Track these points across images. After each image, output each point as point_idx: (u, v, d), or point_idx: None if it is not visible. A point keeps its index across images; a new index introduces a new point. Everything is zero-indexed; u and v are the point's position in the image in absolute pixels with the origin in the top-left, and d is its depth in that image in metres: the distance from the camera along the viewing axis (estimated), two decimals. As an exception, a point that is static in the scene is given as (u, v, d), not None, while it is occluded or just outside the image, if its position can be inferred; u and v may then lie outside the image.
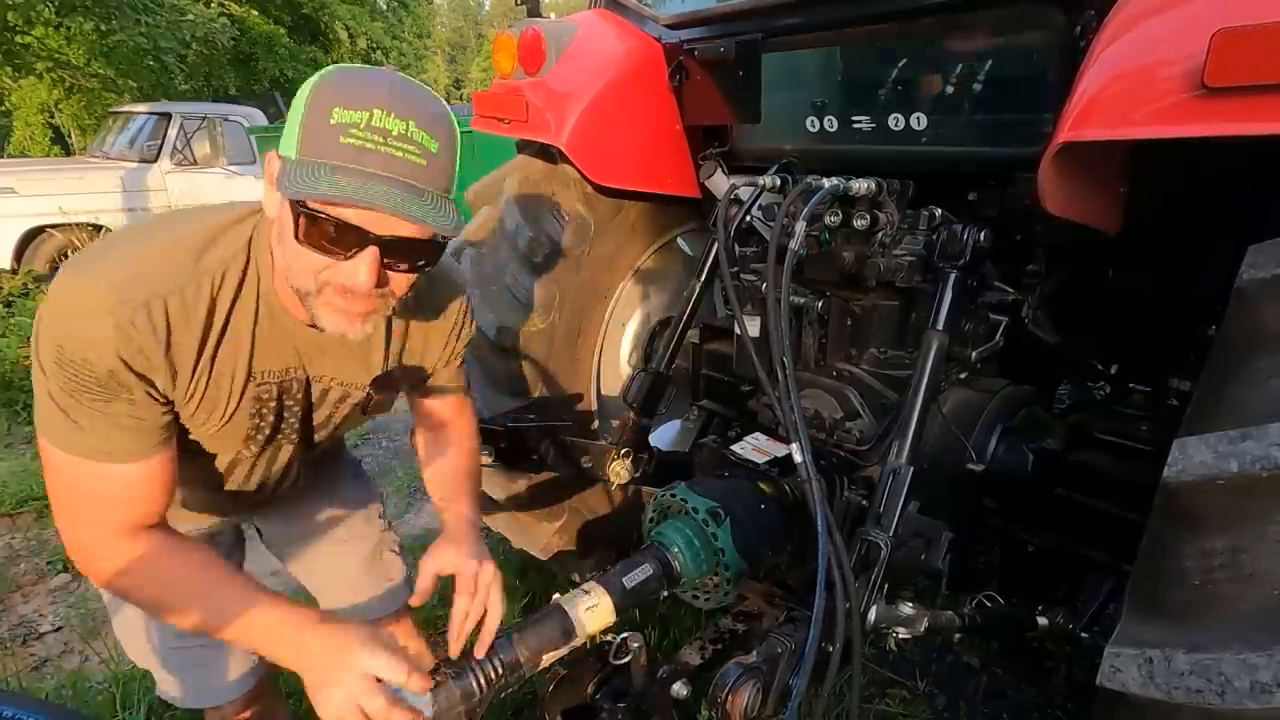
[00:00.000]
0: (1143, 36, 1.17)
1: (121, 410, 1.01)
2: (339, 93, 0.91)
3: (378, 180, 0.91)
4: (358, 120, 0.89)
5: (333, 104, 0.90)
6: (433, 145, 0.94)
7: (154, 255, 1.02)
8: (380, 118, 0.90)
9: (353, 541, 1.70)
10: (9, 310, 5.84)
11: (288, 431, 1.32)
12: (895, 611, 1.38)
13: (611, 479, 2.01)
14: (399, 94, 0.92)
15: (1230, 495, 0.87)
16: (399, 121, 0.91)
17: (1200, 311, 1.52)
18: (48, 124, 12.98)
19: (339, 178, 0.89)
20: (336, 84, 0.93)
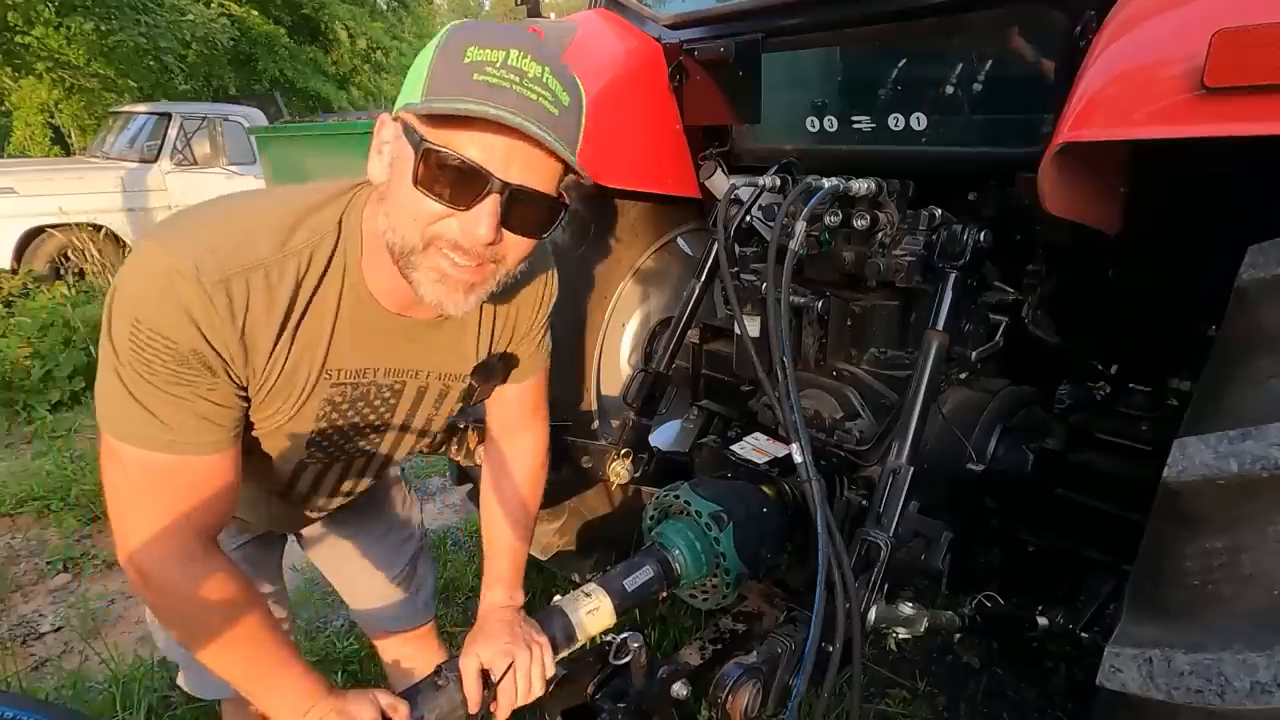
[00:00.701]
0: (1143, 36, 1.17)
1: (201, 395, 0.94)
2: (473, 35, 0.88)
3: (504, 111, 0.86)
4: (494, 59, 0.86)
5: (467, 43, 0.87)
6: (565, 98, 0.91)
7: (238, 231, 0.96)
8: (518, 58, 0.87)
9: (391, 557, 1.69)
10: (9, 310, 5.84)
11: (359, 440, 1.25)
12: (895, 611, 1.38)
13: (611, 479, 2.01)
14: (535, 43, 0.90)
15: (1230, 495, 0.87)
16: (536, 65, 0.88)
17: (1200, 311, 1.52)
18: (48, 124, 12.96)
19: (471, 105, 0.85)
20: (468, 29, 0.90)
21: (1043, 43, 1.48)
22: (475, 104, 0.85)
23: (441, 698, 1.18)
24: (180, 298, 0.90)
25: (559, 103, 0.90)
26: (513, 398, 1.38)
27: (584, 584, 1.41)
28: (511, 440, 1.42)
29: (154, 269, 0.91)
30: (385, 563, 1.68)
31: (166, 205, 8.01)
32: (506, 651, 1.21)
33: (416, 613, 1.75)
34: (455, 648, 2.50)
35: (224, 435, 0.99)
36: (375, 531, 1.67)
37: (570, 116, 0.93)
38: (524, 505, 1.43)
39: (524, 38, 0.90)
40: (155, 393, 0.92)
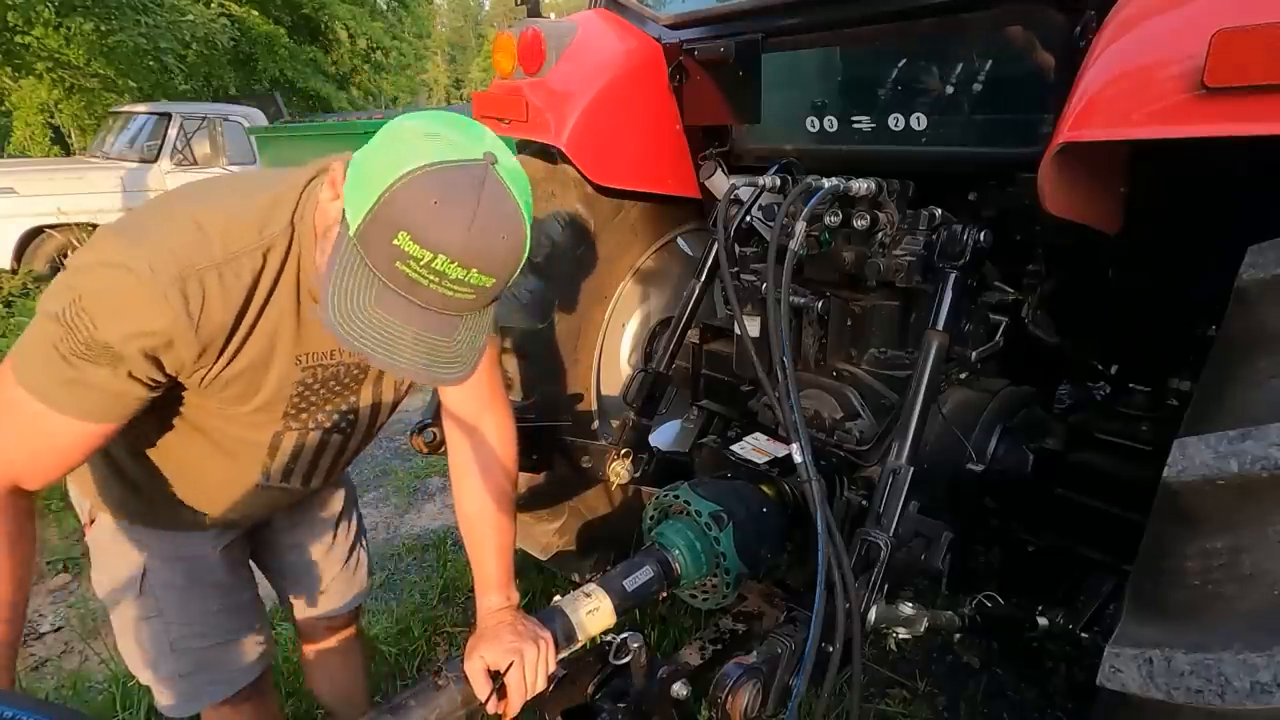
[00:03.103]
0: (1143, 36, 1.17)
1: (98, 374, 0.98)
2: (416, 214, 0.86)
3: (412, 312, 0.90)
4: (419, 256, 0.86)
5: (404, 225, 0.86)
6: (488, 281, 0.90)
7: (195, 230, 1.00)
8: (443, 263, 0.86)
9: (339, 541, 1.71)
10: (9, 310, 5.84)
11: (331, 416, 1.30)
12: (895, 611, 1.38)
13: (611, 479, 2.01)
14: (477, 235, 0.87)
15: (1230, 495, 0.87)
16: (461, 269, 0.87)
17: (1200, 311, 1.52)
18: (48, 124, 12.97)
19: (378, 312, 0.89)
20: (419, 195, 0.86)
21: (1043, 43, 1.48)
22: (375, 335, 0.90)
23: (442, 698, 1.18)
24: (125, 293, 0.95)
25: (481, 289, 0.91)
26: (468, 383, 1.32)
27: (584, 584, 1.41)
28: (473, 432, 1.38)
29: (110, 259, 0.96)
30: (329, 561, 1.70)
31: (166, 205, 8.01)
32: (511, 649, 1.21)
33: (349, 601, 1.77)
34: (455, 648, 2.52)
35: (99, 410, 1.02)
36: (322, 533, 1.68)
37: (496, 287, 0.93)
38: (501, 500, 1.38)
39: (462, 232, 0.86)
40: (58, 359, 0.97)
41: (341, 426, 1.35)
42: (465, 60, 54.55)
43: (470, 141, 0.90)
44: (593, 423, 2.29)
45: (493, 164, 0.89)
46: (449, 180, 0.87)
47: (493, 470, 1.38)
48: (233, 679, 1.50)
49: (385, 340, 0.90)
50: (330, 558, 1.71)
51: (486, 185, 0.88)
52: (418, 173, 0.86)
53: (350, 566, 1.75)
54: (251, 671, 1.53)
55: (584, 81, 2.00)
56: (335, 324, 0.90)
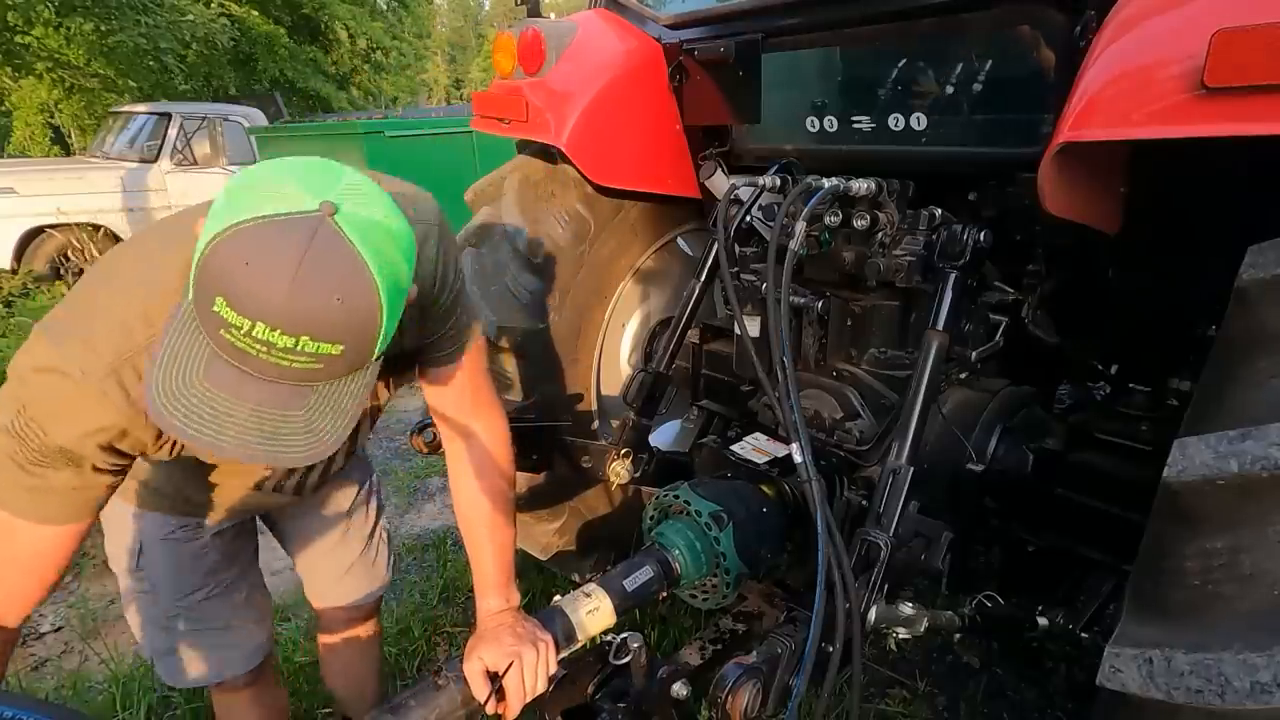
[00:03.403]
0: (1143, 36, 1.17)
1: (59, 477, 0.96)
2: (230, 277, 0.75)
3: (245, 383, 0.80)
4: (239, 324, 0.76)
5: (220, 290, 0.76)
6: (334, 350, 0.79)
7: (113, 319, 0.95)
8: (264, 331, 0.76)
9: (355, 531, 1.74)
10: (9, 310, 5.84)
11: None
12: (895, 611, 1.38)
13: (611, 479, 2.01)
14: (301, 298, 0.75)
15: (1230, 495, 0.87)
16: (288, 338, 0.76)
17: (1200, 311, 1.52)
18: (48, 124, 12.97)
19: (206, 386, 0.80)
20: (233, 254, 0.75)
21: (1043, 43, 1.48)
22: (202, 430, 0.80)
23: (442, 698, 1.18)
24: (66, 398, 0.92)
25: (325, 357, 0.79)
26: (448, 381, 1.31)
27: (584, 584, 1.41)
28: (466, 436, 1.35)
29: (42, 364, 0.93)
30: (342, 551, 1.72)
31: (166, 205, 8.01)
32: (511, 652, 1.21)
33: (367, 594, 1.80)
34: (455, 648, 2.52)
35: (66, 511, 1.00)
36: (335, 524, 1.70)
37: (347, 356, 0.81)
38: (497, 502, 1.36)
39: (281, 298, 0.75)
40: (15, 468, 0.95)
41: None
42: (465, 60, 54.55)
43: (308, 191, 0.78)
44: (593, 423, 2.29)
45: (330, 215, 0.77)
46: (267, 237, 0.75)
47: (487, 473, 1.37)
48: (227, 665, 1.54)
49: (212, 420, 0.80)
50: (343, 550, 1.73)
51: (316, 240, 0.76)
52: (234, 230, 0.76)
53: (366, 559, 1.77)
54: (246, 662, 1.56)
55: (584, 81, 2.00)
56: (156, 399, 0.80)
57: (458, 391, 1.32)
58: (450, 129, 7.22)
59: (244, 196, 0.78)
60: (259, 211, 0.76)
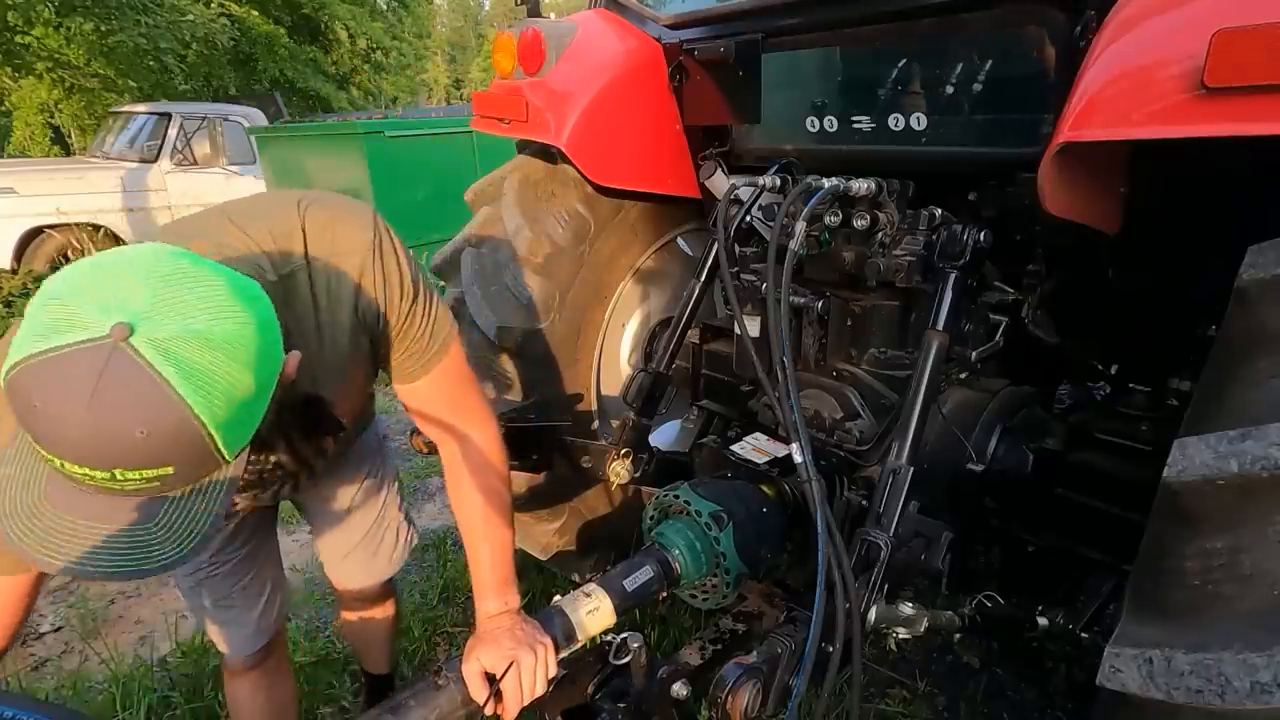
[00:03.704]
0: (1143, 36, 1.17)
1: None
2: (28, 415, 0.71)
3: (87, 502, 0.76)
4: (51, 459, 0.72)
5: (26, 425, 0.72)
6: (163, 471, 0.75)
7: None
8: (75, 468, 0.72)
9: (357, 514, 1.78)
10: (9, 310, 5.84)
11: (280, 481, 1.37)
12: (895, 611, 1.38)
13: (611, 479, 2.01)
14: (97, 437, 0.71)
15: (1230, 495, 0.87)
16: (101, 472, 0.73)
17: (1200, 311, 1.52)
18: (48, 124, 12.97)
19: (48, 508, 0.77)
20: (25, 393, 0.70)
21: (1043, 43, 1.48)
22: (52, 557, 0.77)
23: (441, 698, 1.18)
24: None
25: (158, 477, 0.75)
26: (424, 396, 1.30)
27: (584, 584, 1.41)
28: (452, 443, 1.35)
29: None
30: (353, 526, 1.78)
31: (166, 205, 8.01)
32: (509, 655, 1.21)
33: (378, 571, 1.85)
34: (455, 648, 2.52)
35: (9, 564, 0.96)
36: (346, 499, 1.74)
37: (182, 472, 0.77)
38: (492, 505, 1.36)
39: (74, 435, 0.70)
40: None
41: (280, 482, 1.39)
42: (465, 60, 54.54)
43: (103, 311, 0.71)
44: (593, 423, 2.29)
45: (124, 339, 0.70)
46: (54, 374, 0.69)
47: (483, 478, 1.36)
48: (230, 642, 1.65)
49: (61, 542, 0.76)
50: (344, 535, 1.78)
51: (107, 371, 0.70)
52: (23, 367, 0.70)
53: (368, 548, 1.81)
54: (248, 643, 1.65)
55: (584, 81, 2.00)
56: (6, 525, 0.77)
57: (436, 402, 1.32)
58: (450, 129, 7.21)
59: (39, 318, 0.72)
60: (48, 343, 0.70)
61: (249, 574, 1.62)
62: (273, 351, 0.85)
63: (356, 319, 1.13)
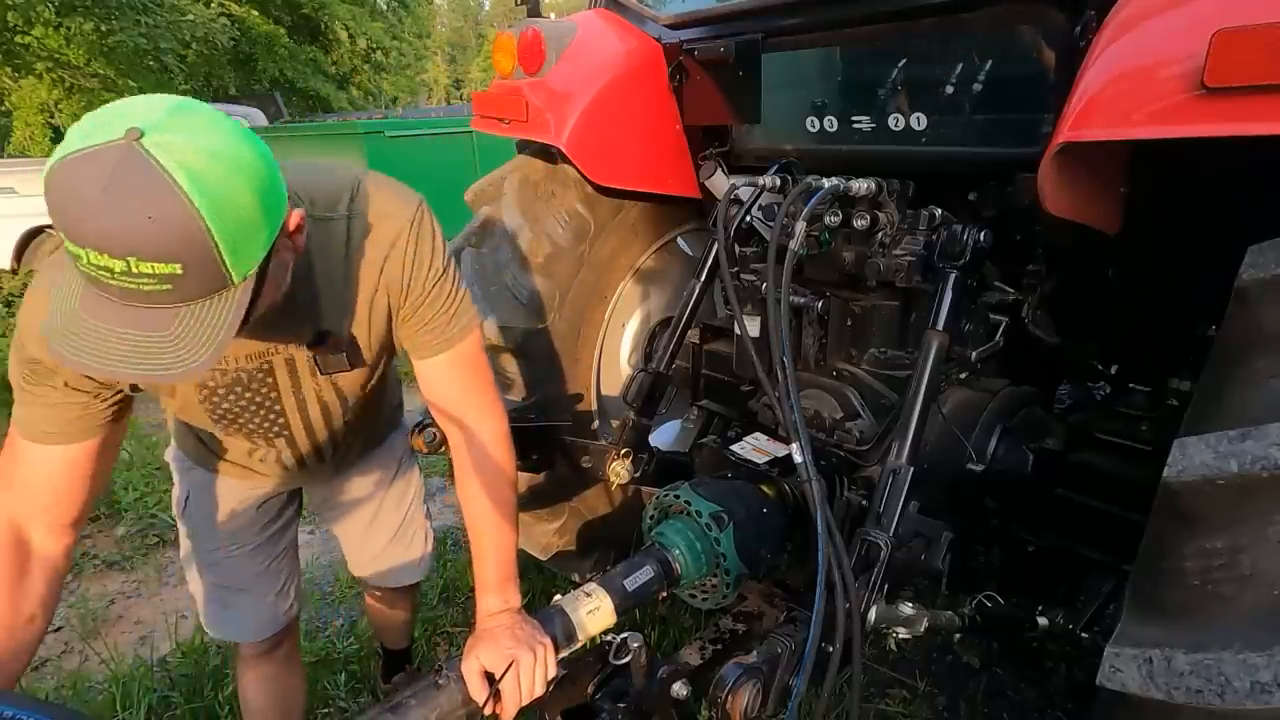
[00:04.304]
0: (1143, 36, 1.17)
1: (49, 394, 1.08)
2: (58, 211, 0.82)
3: (114, 310, 0.86)
4: (79, 254, 0.82)
5: (58, 225, 0.82)
6: (172, 269, 0.83)
7: None
8: (96, 258, 0.81)
9: (383, 518, 1.83)
10: (9, 310, 5.84)
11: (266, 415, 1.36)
12: (895, 611, 1.38)
13: (611, 479, 2.01)
14: (111, 220, 0.80)
15: (1230, 495, 0.87)
16: (118, 261, 0.81)
17: (1200, 311, 1.52)
18: (48, 124, 12.97)
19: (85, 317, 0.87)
20: (55, 191, 0.82)
21: (1043, 43, 1.48)
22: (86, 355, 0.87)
23: (442, 698, 1.18)
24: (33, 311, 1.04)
25: (169, 276, 0.84)
26: (438, 376, 1.33)
27: (584, 584, 1.41)
28: (462, 433, 1.37)
29: (33, 293, 1.07)
30: (378, 530, 1.83)
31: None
32: (508, 654, 1.21)
33: (404, 574, 1.90)
34: (455, 648, 2.52)
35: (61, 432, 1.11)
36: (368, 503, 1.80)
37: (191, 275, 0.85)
38: (498, 502, 1.37)
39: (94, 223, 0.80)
40: (19, 389, 1.10)
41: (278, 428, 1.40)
42: (465, 60, 54.56)
43: (110, 124, 0.82)
44: (593, 423, 2.29)
45: (136, 139, 0.80)
46: (77, 168, 0.80)
47: (486, 473, 1.38)
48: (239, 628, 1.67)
49: (95, 346, 0.87)
50: (372, 537, 1.84)
51: (121, 165, 0.80)
52: (56, 167, 0.82)
53: (396, 550, 1.87)
54: (258, 630, 1.67)
55: (584, 81, 2.00)
56: (51, 334, 0.88)
57: (447, 385, 1.35)
58: (450, 129, 7.22)
59: (71, 135, 0.83)
60: (73, 147, 0.81)
61: (268, 559, 1.66)
62: (276, 187, 0.94)
63: (380, 277, 1.22)
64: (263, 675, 1.75)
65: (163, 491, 3.48)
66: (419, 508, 1.91)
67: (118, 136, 0.80)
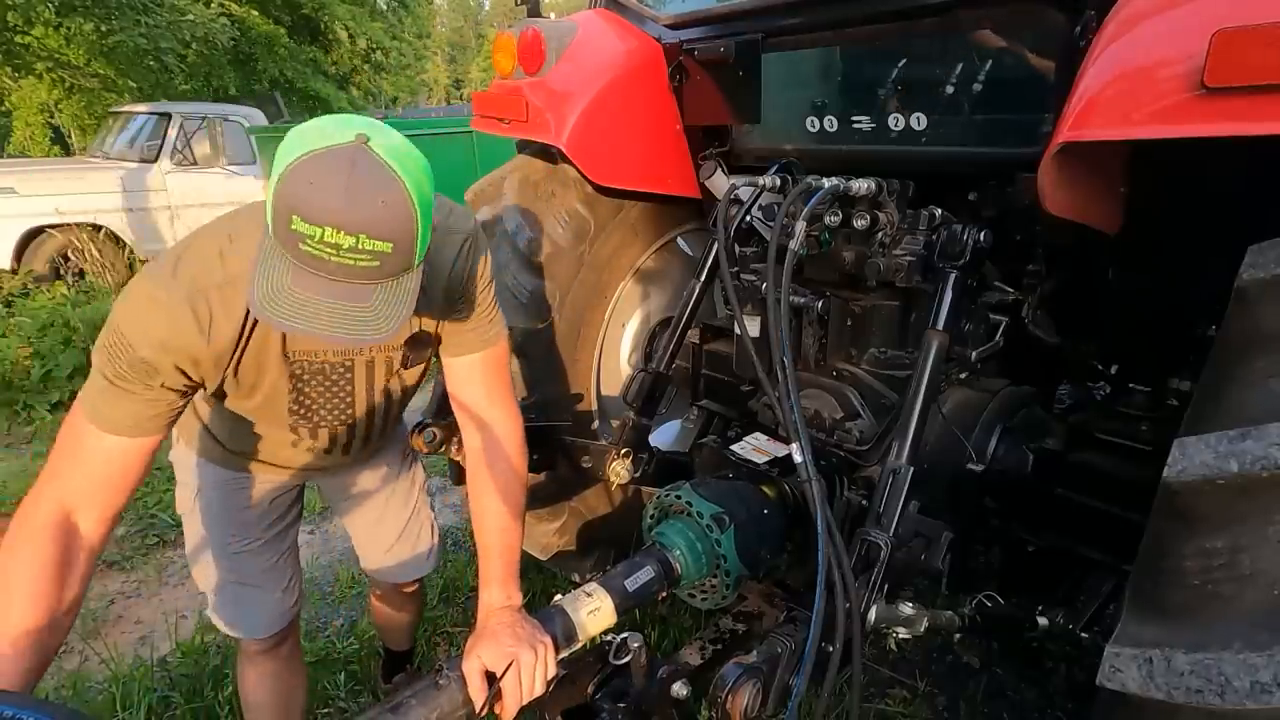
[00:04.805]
0: (1143, 36, 1.17)
1: (137, 389, 1.14)
2: (299, 197, 0.96)
3: (324, 285, 1.00)
4: (312, 233, 0.96)
5: (293, 209, 0.97)
6: (386, 247, 1.00)
7: (200, 255, 1.18)
8: (332, 234, 0.97)
9: (393, 512, 1.88)
10: (9, 310, 5.83)
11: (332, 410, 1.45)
12: (895, 611, 1.38)
13: (611, 479, 2.01)
14: (354, 202, 0.96)
15: (1230, 495, 0.87)
16: (350, 237, 0.97)
17: (1200, 311, 1.52)
18: (48, 124, 12.96)
19: (296, 291, 1.00)
20: (298, 180, 0.97)
21: (1043, 43, 1.48)
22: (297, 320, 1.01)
23: (442, 698, 1.18)
24: (152, 315, 1.13)
25: (380, 254, 1.00)
26: (468, 374, 1.46)
27: (584, 584, 1.41)
28: (481, 429, 1.47)
29: (136, 294, 1.16)
30: (388, 524, 1.89)
31: (166, 205, 8.00)
32: (509, 653, 1.21)
33: (412, 568, 1.95)
34: (455, 648, 2.52)
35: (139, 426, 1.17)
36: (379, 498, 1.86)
37: (398, 254, 1.01)
38: (508, 498, 1.44)
39: (341, 201, 0.96)
40: (105, 382, 1.15)
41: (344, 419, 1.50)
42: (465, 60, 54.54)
43: (341, 130, 1.00)
44: (593, 423, 2.29)
45: (365, 143, 0.99)
46: (322, 162, 0.97)
47: (502, 469, 1.46)
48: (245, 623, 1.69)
49: (304, 313, 1.01)
50: (381, 530, 1.89)
51: (358, 160, 0.97)
52: (296, 163, 0.97)
53: (405, 544, 1.91)
54: (265, 626, 1.70)
55: (584, 81, 2.00)
56: (259, 304, 1.01)
57: (474, 383, 1.47)
58: (450, 129, 7.21)
59: (295, 144, 1.00)
60: (309, 148, 0.98)
61: (276, 555, 1.70)
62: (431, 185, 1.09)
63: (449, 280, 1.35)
64: (267, 671, 1.77)
65: (163, 492, 3.48)
66: (424, 500, 1.96)
67: (349, 139, 0.98)
